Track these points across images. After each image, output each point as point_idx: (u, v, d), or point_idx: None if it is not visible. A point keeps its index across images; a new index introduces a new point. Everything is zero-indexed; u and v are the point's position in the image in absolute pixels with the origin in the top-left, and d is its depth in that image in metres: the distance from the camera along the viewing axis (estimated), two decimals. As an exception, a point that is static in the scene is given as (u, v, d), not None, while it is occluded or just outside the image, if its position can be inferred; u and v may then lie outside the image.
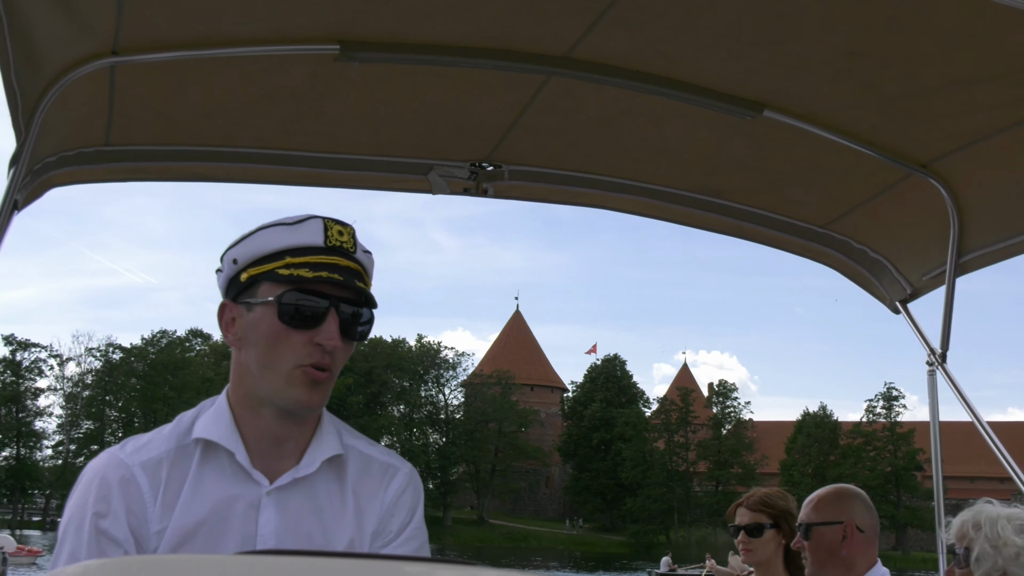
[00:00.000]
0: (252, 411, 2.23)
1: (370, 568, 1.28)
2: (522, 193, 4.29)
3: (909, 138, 3.72)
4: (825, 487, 4.17)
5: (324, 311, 2.16)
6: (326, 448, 2.28)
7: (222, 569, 1.26)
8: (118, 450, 2.22)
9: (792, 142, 3.81)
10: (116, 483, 2.15)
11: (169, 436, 2.24)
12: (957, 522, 3.52)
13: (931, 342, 4.40)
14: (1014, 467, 4.04)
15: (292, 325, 2.16)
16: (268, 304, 2.16)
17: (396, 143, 4.02)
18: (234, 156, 3.96)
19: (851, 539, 3.96)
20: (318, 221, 2.21)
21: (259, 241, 2.19)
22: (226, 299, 2.25)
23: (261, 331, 2.18)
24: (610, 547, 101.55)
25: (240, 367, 2.25)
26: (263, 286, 2.18)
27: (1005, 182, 3.91)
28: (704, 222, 4.53)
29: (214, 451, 2.21)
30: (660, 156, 4.15)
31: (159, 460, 2.19)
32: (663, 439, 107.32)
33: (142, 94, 3.53)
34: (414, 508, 2.36)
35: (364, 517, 2.29)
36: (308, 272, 2.15)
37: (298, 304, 2.15)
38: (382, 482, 2.34)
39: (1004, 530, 3.38)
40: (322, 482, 2.27)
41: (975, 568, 3.38)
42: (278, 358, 2.17)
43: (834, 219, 4.46)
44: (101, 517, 2.12)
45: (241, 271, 2.20)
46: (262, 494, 2.20)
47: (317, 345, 2.16)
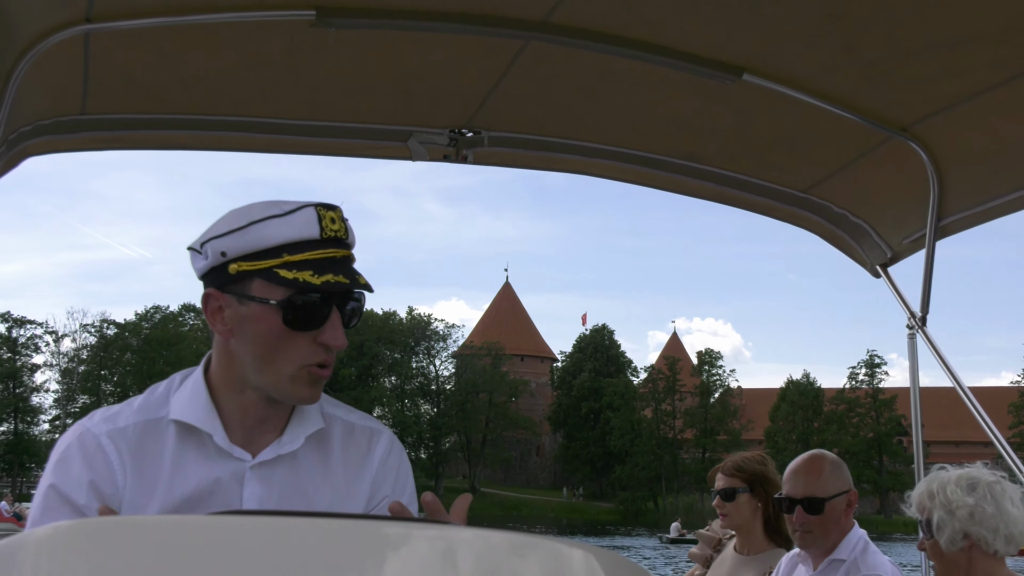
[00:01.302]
0: (237, 392, 2.18)
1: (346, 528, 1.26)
2: (502, 159, 4.24)
3: (889, 101, 3.68)
4: (808, 456, 4.10)
5: (328, 312, 2.11)
6: (309, 423, 2.24)
7: (195, 529, 1.24)
8: (86, 421, 2.19)
9: (772, 106, 3.77)
10: (79, 452, 2.11)
11: (140, 408, 2.19)
12: (915, 494, 3.48)
13: (911, 306, 4.38)
14: (994, 430, 4.02)
15: (295, 327, 2.09)
16: (269, 305, 2.08)
17: (375, 110, 3.96)
18: (212, 124, 3.90)
19: (853, 505, 3.95)
20: (311, 210, 2.11)
21: (252, 236, 2.07)
22: (211, 288, 2.14)
23: (260, 330, 2.10)
24: (600, 514, 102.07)
25: (228, 354, 2.18)
26: (258, 282, 2.08)
27: (985, 145, 3.87)
28: (685, 187, 4.48)
29: (193, 431, 2.17)
30: (640, 121, 4.09)
31: (126, 429, 2.15)
32: (650, 408, 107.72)
33: (118, 62, 3.46)
34: (401, 471, 2.33)
35: (353, 485, 2.26)
36: (313, 276, 2.06)
37: (303, 308, 2.08)
38: (368, 448, 2.30)
39: (954, 493, 3.34)
40: (304, 455, 2.23)
41: (938, 537, 3.35)
42: (281, 358, 2.11)
43: (814, 184, 4.42)
44: (60, 484, 2.09)
45: (230, 262, 2.09)
46: (245, 469, 2.16)
47: (321, 344, 2.11)
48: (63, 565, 1.20)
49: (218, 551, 1.17)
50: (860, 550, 3.92)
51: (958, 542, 3.33)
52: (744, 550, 4.63)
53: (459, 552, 1.21)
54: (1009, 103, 3.48)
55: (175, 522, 1.35)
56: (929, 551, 3.43)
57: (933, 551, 3.41)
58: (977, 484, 3.36)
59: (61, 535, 1.25)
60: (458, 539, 1.22)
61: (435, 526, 1.26)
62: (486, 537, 1.23)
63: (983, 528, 3.31)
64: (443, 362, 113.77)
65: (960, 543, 3.33)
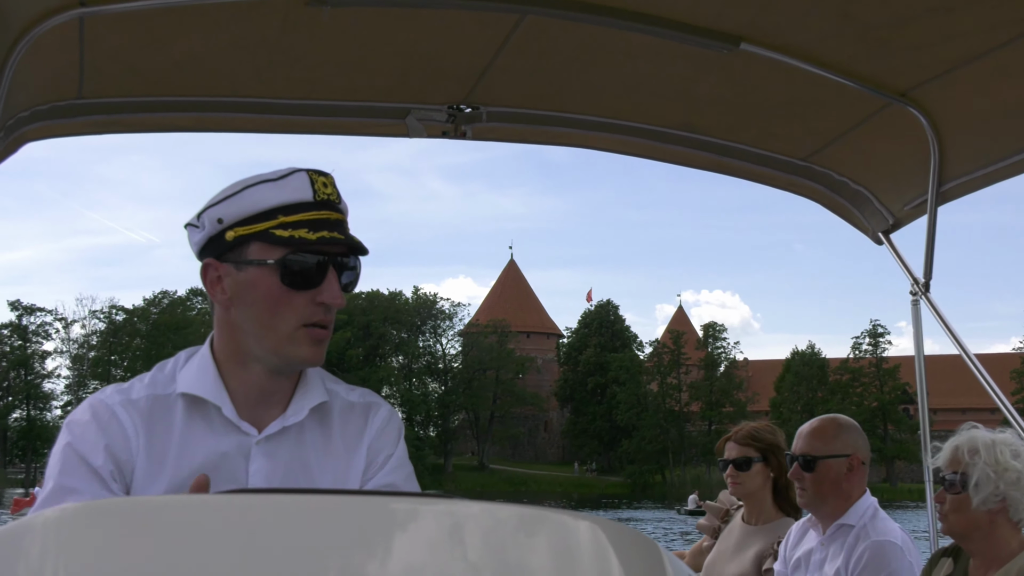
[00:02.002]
0: (241, 366, 2.18)
1: (352, 503, 1.26)
2: (501, 134, 4.21)
3: (887, 67, 3.64)
4: (820, 417, 4.11)
5: (324, 270, 2.11)
6: (312, 396, 2.25)
7: (204, 509, 1.23)
8: (99, 394, 2.18)
9: (770, 75, 3.73)
10: (93, 420, 2.11)
11: (150, 383, 2.19)
12: (949, 447, 3.45)
13: (914, 272, 4.35)
14: (1000, 395, 4.00)
15: (294, 286, 2.10)
16: (266, 266, 2.09)
17: (372, 88, 3.93)
18: (209, 105, 3.87)
19: (855, 471, 3.93)
20: (303, 175, 2.13)
21: (247, 200, 2.10)
22: (209, 258, 2.16)
23: (259, 292, 2.11)
24: (608, 488, 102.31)
25: (229, 324, 2.18)
26: (254, 246, 2.10)
27: (984, 108, 3.83)
28: (684, 158, 4.45)
29: (200, 405, 2.17)
30: (638, 93, 4.06)
31: (138, 401, 2.15)
32: (656, 382, 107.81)
33: (113, 46, 3.43)
34: (396, 440, 2.34)
35: (352, 459, 2.26)
36: (308, 233, 2.08)
37: (300, 265, 2.09)
38: (365, 421, 2.31)
39: (1003, 455, 3.33)
40: (308, 429, 2.23)
41: (974, 493, 3.32)
42: (280, 319, 2.11)
43: (814, 151, 4.39)
44: (77, 444, 2.08)
45: (226, 230, 2.11)
46: (251, 444, 2.17)
47: (320, 304, 2.12)
48: (69, 548, 1.19)
49: (226, 531, 1.17)
50: (870, 516, 3.91)
51: (991, 502, 3.32)
52: (753, 520, 4.62)
53: (466, 527, 1.20)
54: (1008, 66, 3.45)
55: (183, 502, 1.33)
56: (953, 505, 3.39)
57: (959, 505, 3.37)
58: (1020, 453, 3.37)
59: (68, 517, 1.24)
60: (465, 513, 1.21)
61: (442, 501, 1.24)
62: (493, 511, 1.22)
63: (1021, 494, 3.32)
64: (449, 341, 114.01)
65: (992, 504, 3.32)
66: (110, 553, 1.16)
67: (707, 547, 4.91)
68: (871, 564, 3.77)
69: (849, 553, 3.84)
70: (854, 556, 3.82)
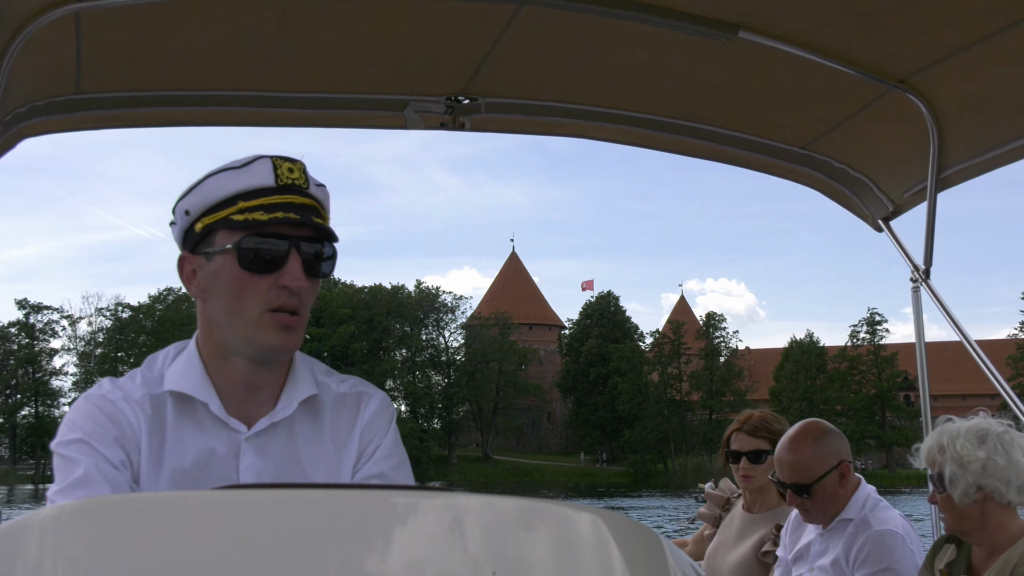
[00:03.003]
0: (224, 360, 2.14)
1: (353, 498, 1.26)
2: (500, 125, 4.17)
3: (886, 54, 3.60)
4: (793, 438, 3.93)
5: (285, 253, 2.05)
6: (301, 389, 2.20)
7: (203, 505, 1.22)
8: (96, 390, 2.14)
9: (768, 63, 3.69)
10: (101, 413, 2.07)
11: (143, 382, 2.15)
12: (924, 448, 3.42)
13: (914, 259, 4.31)
14: (1000, 380, 3.96)
15: (254, 270, 2.05)
16: (227, 252, 2.05)
17: (370, 80, 3.89)
18: (206, 100, 3.83)
19: (847, 475, 3.87)
20: (266, 161, 2.09)
21: (209, 189, 2.07)
22: (184, 251, 2.13)
23: (224, 280, 2.07)
24: (611, 477, 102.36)
25: (207, 318, 2.15)
26: (219, 234, 2.06)
27: (983, 94, 3.79)
28: (683, 147, 4.40)
29: (188, 402, 2.13)
30: (636, 83, 4.01)
31: (140, 400, 2.11)
32: (657, 372, 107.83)
33: (110, 40, 3.40)
34: (387, 428, 2.28)
35: (344, 451, 2.22)
36: (263, 215, 2.03)
37: (257, 248, 2.04)
38: (356, 411, 2.26)
39: (964, 448, 3.27)
40: (299, 423, 2.19)
41: (952, 490, 3.29)
42: (244, 305, 2.06)
43: (814, 139, 4.35)
44: (90, 440, 2.03)
45: (195, 221, 2.08)
46: (241, 440, 2.12)
47: (283, 288, 2.05)
48: (68, 544, 1.18)
49: (226, 526, 1.15)
50: (870, 507, 3.86)
51: (971, 495, 3.27)
52: (754, 508, 4.58)
53: (467, 519, 1.19)
54: (1006, 51, 3.41)
55: (179, 498, 1.32)
56: (941, 504, 3.37)
57: (946, 504, 3.35)
58: (987, 436, 3.30)
59: (65, 515, 1.23)
60: (466, 506, 1.21)
61: (442, 494, 1.23)
62: (493, 504, 1.21)
63: (996, 480, 3.26)
64: (452, 333, 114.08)
65: (973, 496, 3.28)
66: (108, 549, 1.15)
67: (708, 535, 4.87)
68: (872, 554, 3.73)
69: (850, 544, 3.80)
70: (855, 547, 3.77)
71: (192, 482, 2.07)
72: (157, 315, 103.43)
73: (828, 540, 3.91)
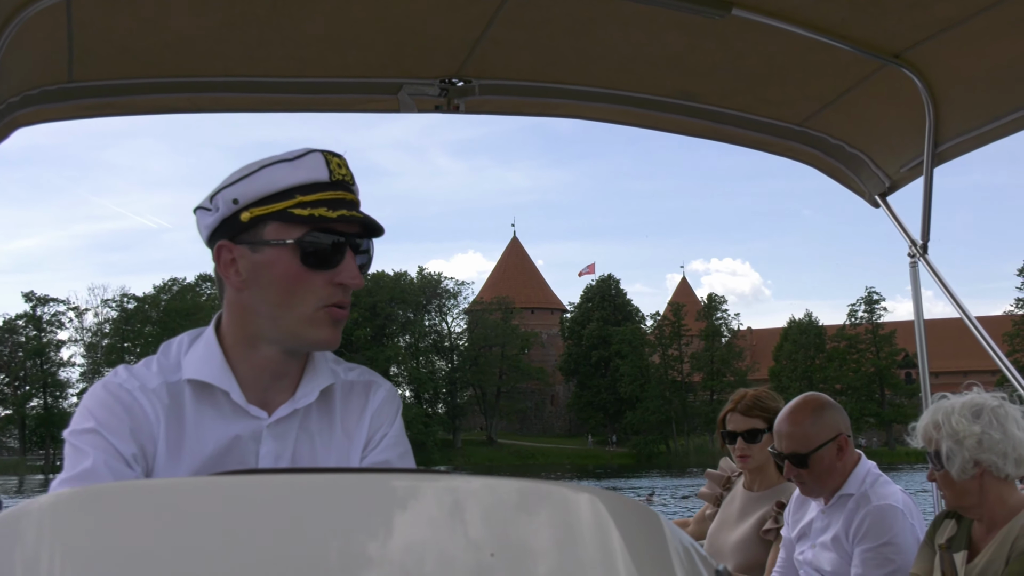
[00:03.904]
0: (252, 349, 2.12)
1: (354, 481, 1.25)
2: (494, 107, 4.13)
3: (880, 29, 3.56)
4: (793, 409, 3.94)
5: (343, 250, 2.06)
6: (321, 377, 2.20)
7: (203, 490, 1.22)
8: (112, 377, 2.10)
9: (763, 40, 3.65)
10: (116, 402, 2.04)
11: (159, 370, 2.12)
12: (920, 426, 3.40)
13: (912, 234, 4.27)
14: (999, 354, 3.93)
15: (313, 266, 2.04)
16: (284, 246, 2.03)
17: (364, 63, 3.85)
18: (200, 86, 3.79)
19: (845, 448, 3.85)
20: (318, 155, 2.07)
21: (263, 180, 2.04)
22: (223, 240, 2.08)
23: (277, 273, 2.04)
24: (613, 459, 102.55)
25: (242, 307, 2.11)
26: (271, 226, 2.04)
27: (978, 68, 3.75)
28: (679, 126, 4.36)
29: (208, 391, 2.11)
30: (631, 62, 3.97)
31: (157, 389, 2.09)
32: (658, 354, 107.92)
33: (102, 28, 3.36)
34: (394, 418, 2.29)
35: (355, 438, 2.22)
36: (328, 211, 2.03)
37: (321, 244, 2.04)
38: (365, 399, 2.26)
39: (959, 423, 3.26)
40: (313, 411, 2.19)
41: (949, 467, 3.27)
42: (299, 300, 2.05)
43: (810, 116, 4.31)
44: (103, 430, 2.00)
45: (242, 210, 2.05)
46: (262, 427, 2.11)
47: (338, 285, 2.07)
48: (68, 532, 1.17)
49: (225, 511, 1.15)
50: (870, 483, 3.84)
51: (969, 470, 3.26)
52: (754, 486, 4.55)
53: (468, 502, 1.19)
54: (1000, 25, 3.38)
55: (180, 485, 1.32)
56: (940, 481, 3.35)
57: (944, 481, 3.33)
58: (981, 411, 3.28)
59: (63, 502, 1.22)
60: (466, 489, 1.21)
61: (441, 476, 1.22)
62: (494, 486, 1.22)
63: (992, 454, 3.24)
64: (455, 319, 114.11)
65: (971, 471, 3.26)
66: (107, 535, 1.14)
67: (710, 515, 4.85)
68: (873, 529, 3.71)
69: (850, 519, 3.78)
70: (855, 522, 3.76)
71: (213, 470, 2.05)
72: (162, 305, 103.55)
73: (829, 516, 3.89)
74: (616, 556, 1.18)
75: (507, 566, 1.12)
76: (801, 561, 3.99)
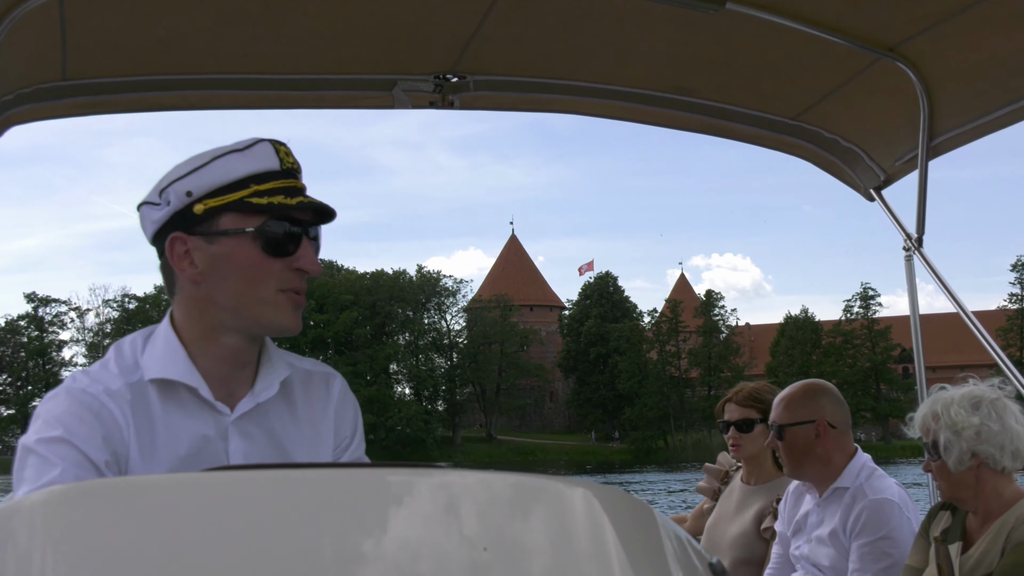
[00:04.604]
0: (212, 341, 2.09)
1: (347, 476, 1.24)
2: (489, 103, 4.10)
3: (875, 22, 3.54)
4: (794, 384, 4.03)
5: (300, 237, 2.06)
6: (278, 369, 2.18)
7: (196, 486, 1.19)
8: (73, 383, 2.04)
9: (757, 34, 3.63)
10: (84, 409, 1.98)
11: (119, 372, 2.07)
12: (918, 416, 3.40)
13: (907, 228, 4.25)
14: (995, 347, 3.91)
15: (273, 254, 2.04)
16: (243, 235, 2.02)
17: (358, 60, 3.82)
18: (193, 83, 3.76)
19: (824, 436, 3.83)
20: (268, 145, 2.07)
21: (217, 171, 2.03)
22: (176, 232, 2.06)
23: (237, 262, 2.03)
24: (612, 454, 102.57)
25: (200, 300, 2.08)
26: (228, 216, 2.02)
27: (972, 61, 3.73)
28: (674, 121, 4.33)
29: (171, 388, 2.07)
30: (625, 57, 3.94)
31: (120, 391, 2.03)
32: (655, 350, 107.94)
33: (95, 25, 3.33)
34: (356, 413, 2.33)
35: (320, 429, 2.22)
36: (286, 199, 2.03)
37: (279, 232, 2.04)
38: (326, 391, 2.27)
39: (958, 414, 3.25)
40: (276, 403, 2.17)
41: (946, 457, 3.26)
42: (260, 286, 2.04)
43: (804, 110, 4.28)
44: (72, 437, 1.93)
45: (195, 202, 2.03)
46: (228, 423, 2.09)
47: (296, 271, 2.06)
48: (59, 529, 1.15)
49: (220, 507, 1.14)
50: (865, 476, 3.83)
51: (966, 461, 3.24)
52: (752, 480, 4.54)
53: (462, 497, 1.18)
54: (994, 18, 3.35)
55: (173, 481, 1.28)
56: (936, 472, 3.34)
57: (940, 472, 3.31)
58: (980, 402, 3.27)
59: (56, 499, 1.20)
60: (460, 484, 1.20)
61: (436, 471, 1.21)
62: (488, 480, 1.21)
63: (990, 446, 3.23)
64: (454, 317, 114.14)
65: (968, 462, 3.24)
66: (99, 532, 1.12)
67: (708, 509, 4.83)
68: (869, 523, 3.69)
69: (846, 514, 3.76)
70: (851, 516, 3.74)
71: (189, 468, 2.02)
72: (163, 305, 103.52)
73: (825, 510, 3.87)
74: (610, 550, 1.17)
75: (501, 560, 1.11)
76: (798, 556, 3.97)
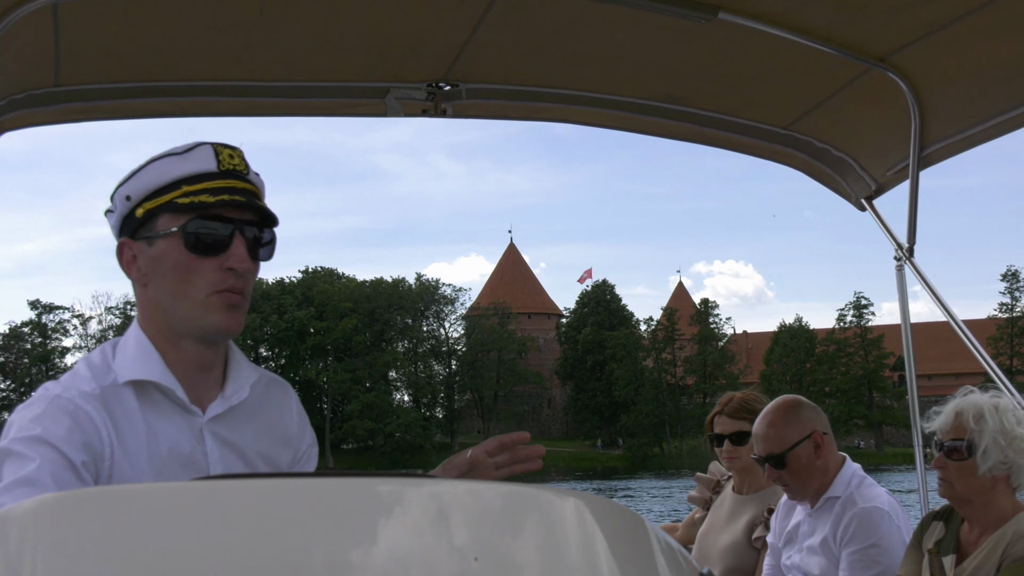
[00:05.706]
0: (173, 344, 2.09)
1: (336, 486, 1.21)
2: (482, 111, 4.07)
3: (866, 32, 3.52)
4: (767, 411, 3.92)
5: (229, 235, 2.03)
6: (247, 372, 2.19)
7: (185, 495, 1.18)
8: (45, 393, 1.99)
9: (749, 44, 3.60)
10: (62, 412, 1.94)
11: (92, 376, 2.04)
12: (950, 413, 3.32)
13: (898, 237, 4.22)
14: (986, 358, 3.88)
15: (200, 253, 2.02)
16: (171, 235, 2.01)
17: (351, 67, 3.79)
18: (187, 90, 3.73)
19: (823, 446, 3.79)
20: (208, 147, 2.07)
21: (151, 174, 2.04)
22: (123, 238, 2.08)
23: (168, 263, 2.03)
24: (608, 461, 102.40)
25: (149, 303, 2.10)
26: (162, 218, 2.02)
27: (963, 72, 3.71)
28: (666, 130, 4.31)
29: (146, 391, 2.05)
30: (618, 66, 3.91)
31: (94, 394, 2.00)
32: (651, 358, 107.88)
33: (88, 32, 3.30)
34: (306, 421, 2.35)
35: (283, 434, 2.25)
36: (209, 197, 2.01)
37: (203, 231, 2.01)
38: (286, 398, 2.30)
39: (1010, 423, 3.24)
40: (244, 406, 2.17)
41: (981, 461, 3.21)
42: (190, 287, 2.03)
43: (795, 119, 4.26)
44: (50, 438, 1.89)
45: (136, 207, 2.04)
46: (202, 425, 2.09)
47: (228, 270, 2.03)
48: (49, 538, 1.14)
49: (212, 516, 1.12)
50: (856, 485, 3.79)
51: (998, 469, 3.21)
52: (743, 489, 4.50)
53: (452, 506, 1.17)
54: (985, 28, 3.33)
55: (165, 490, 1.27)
56: (955, 471, 3.28)
57: (961, 472, 3.25)
58: (1023, 419, 3.26)
59: (46, 507, 1.18)
60: (450, 493, 1.19)
61: (425, 480, 1.20)
62: (478, 490, 1.21)
63: (1022, 460, 3.22)
64: (452, 324, 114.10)
65: (999, 471, 3.21)
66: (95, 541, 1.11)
67: (699, 519, 4.78)
68: (859, 532, 3.66)
69: (837, 522, 3.73)
70: (841, 525, 3.71)
71: (172, 469, 2.01)
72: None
73: (816, 520, 3.83)
74: (600, 560, 1.16)
75: (491, 571, 1.10)
76: (788, 566, 3.93)
